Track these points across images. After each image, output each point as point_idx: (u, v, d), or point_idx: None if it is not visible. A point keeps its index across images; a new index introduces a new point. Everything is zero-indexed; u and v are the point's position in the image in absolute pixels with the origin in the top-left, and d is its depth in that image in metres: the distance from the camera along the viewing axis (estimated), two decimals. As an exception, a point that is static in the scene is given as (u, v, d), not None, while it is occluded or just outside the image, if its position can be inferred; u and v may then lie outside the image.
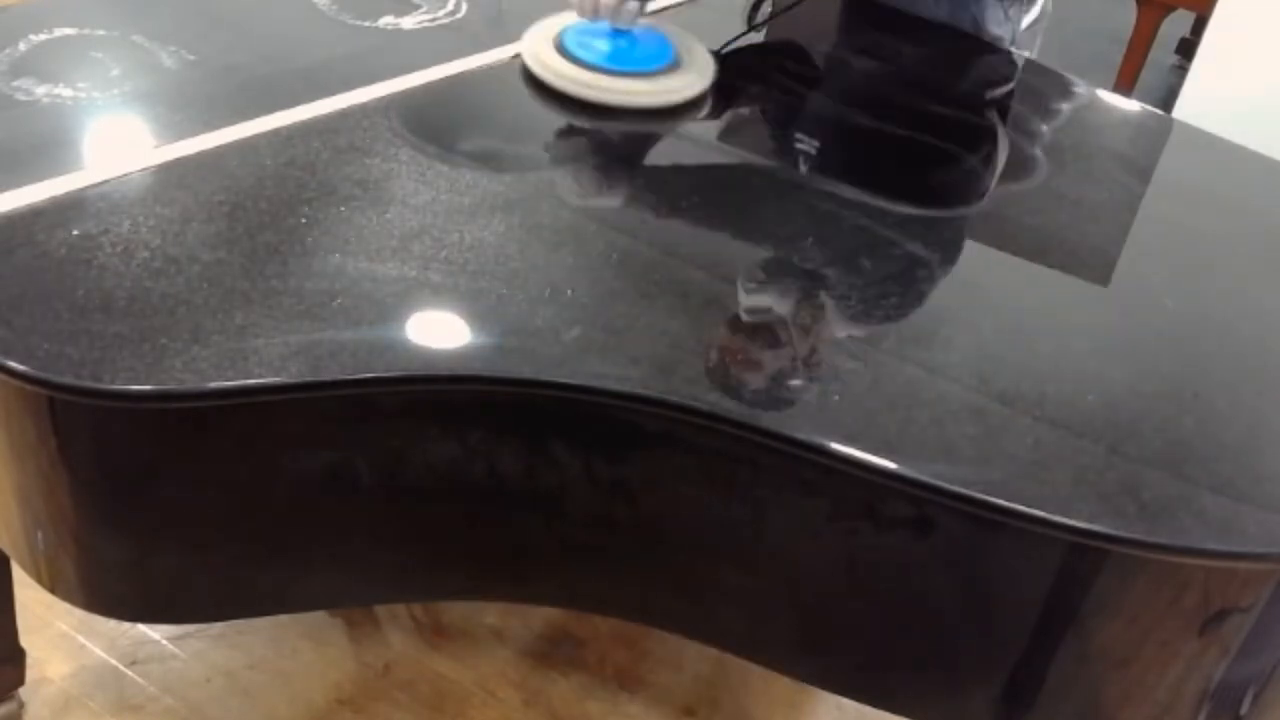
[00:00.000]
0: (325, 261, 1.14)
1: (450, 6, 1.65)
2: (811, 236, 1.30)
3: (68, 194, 1.16)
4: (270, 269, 1.12)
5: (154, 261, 1.11)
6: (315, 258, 1.15)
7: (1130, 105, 1.81)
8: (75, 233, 1.13)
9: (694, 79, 1.51)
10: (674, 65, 1.52)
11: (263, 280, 1.10)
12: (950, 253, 1.36)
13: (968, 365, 1.17)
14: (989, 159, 1.59)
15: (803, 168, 1.49)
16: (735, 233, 1.32)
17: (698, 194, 1.37)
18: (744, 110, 1.64)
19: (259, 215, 1.18)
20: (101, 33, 1.46)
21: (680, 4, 1.76)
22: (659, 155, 1.47)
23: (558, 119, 1.45)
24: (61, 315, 1.05)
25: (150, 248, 1.13)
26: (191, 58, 1.42)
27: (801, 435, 1.04)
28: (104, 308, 1.06)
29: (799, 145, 1.54)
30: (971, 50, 1.81)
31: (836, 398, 1.10)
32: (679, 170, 1.45)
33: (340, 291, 1.11)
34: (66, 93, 1.33)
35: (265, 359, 1.03)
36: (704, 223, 1.32)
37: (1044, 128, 1.69)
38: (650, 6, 1.52)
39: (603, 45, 1.48)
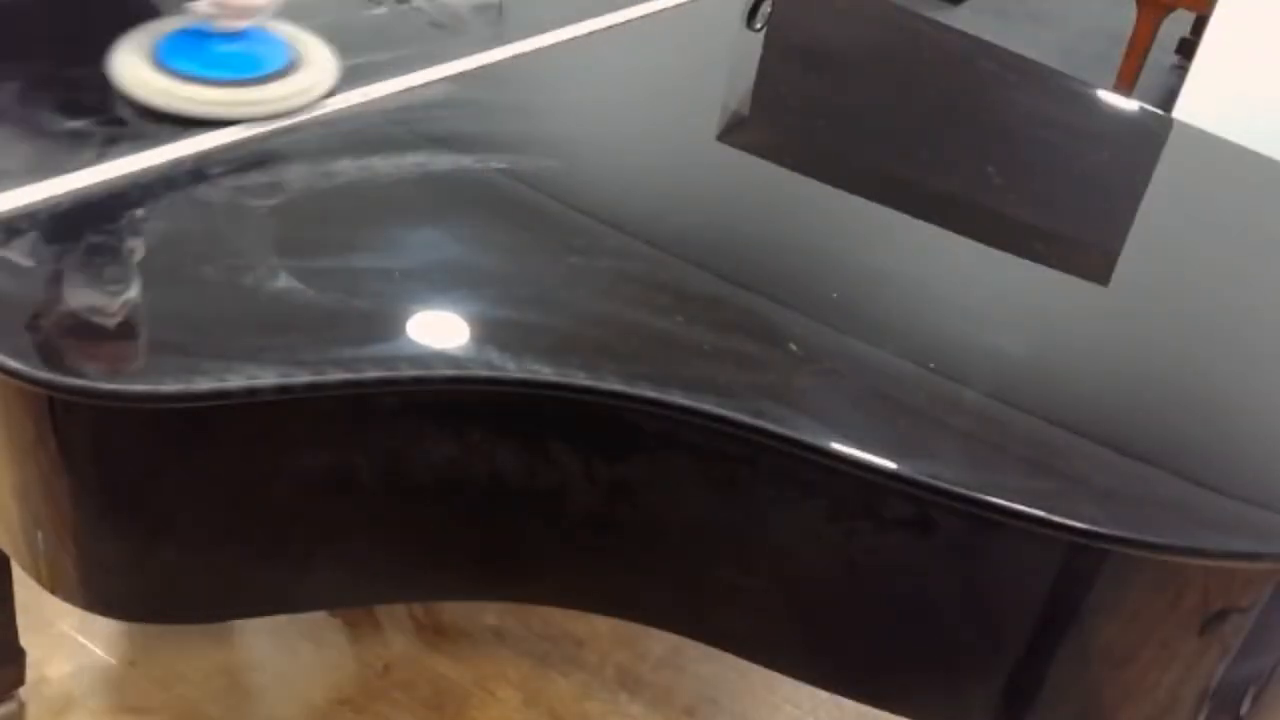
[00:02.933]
0: (323, 261, 1.14)
1: None
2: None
3: (67, 193, 1.16)
4: (269, 269, 1.12)
5: (154, 262, 1.12)
6: (313, 258, 1.15)
7: (1130, 105, 1.81)
8: (76, 233, 1.13)
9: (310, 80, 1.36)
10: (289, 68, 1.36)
11: (262, 280, 1.10)
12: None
13: (967, 364, 1.17)
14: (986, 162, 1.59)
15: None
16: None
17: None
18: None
19: (256, 215, 1.18)
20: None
21: (681, 4, 1.76)
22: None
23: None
24: (62, 315, 1.05)
25: (149, 248, 1.13)
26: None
27: (801, 435, 1.04)
28: (104, 308, 1.06)
29: None
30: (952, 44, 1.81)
31: (836, 397, 1.10)
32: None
33: (339, 290, 1.11)
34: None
35: (264, 359, 1.03)
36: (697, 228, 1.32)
37: (1043, 128, 1.69)
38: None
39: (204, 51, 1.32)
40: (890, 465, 1.03)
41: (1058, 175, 1.56)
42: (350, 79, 1.39)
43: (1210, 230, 1.49)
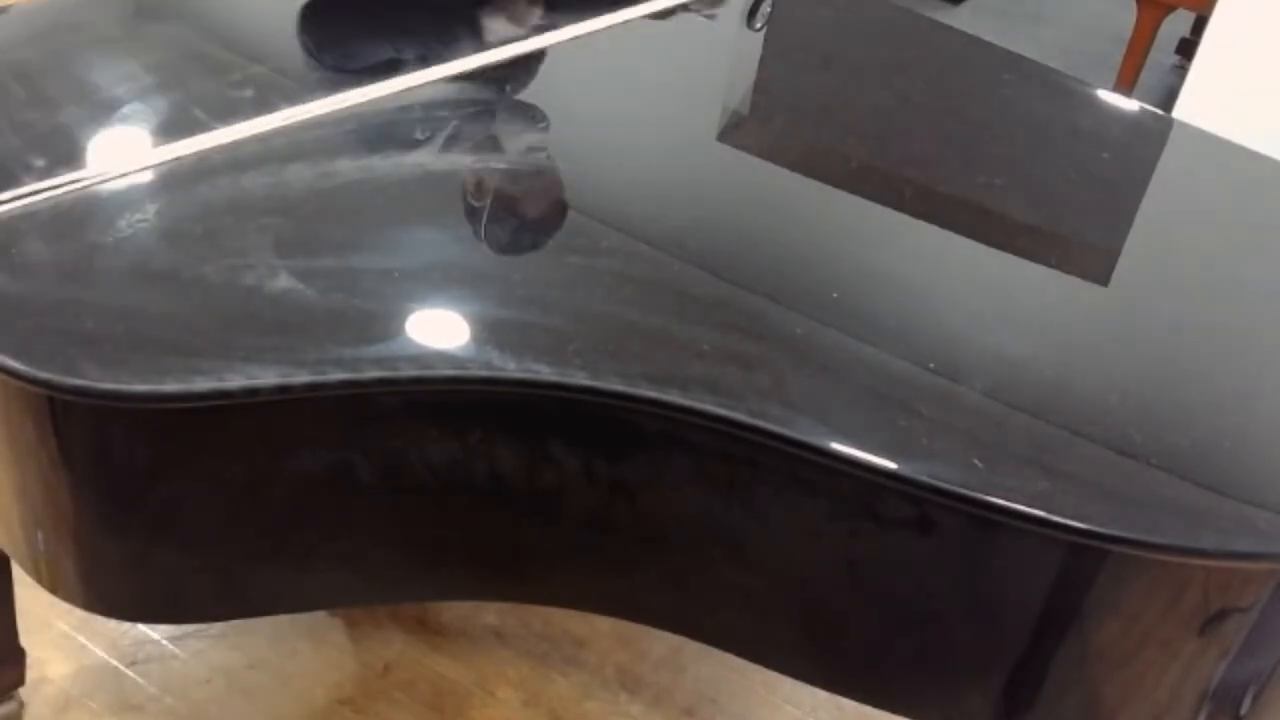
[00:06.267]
0: (323, 261, 1.15)
1: None
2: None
3: (68, 194, 1.16)
4: (269, 269, 1.12)
5: (154, 262, 1.12)
6: (313, 258, 1.15)
7: (1130, 105, 1.81)
8: (75, 233, 1.13)
9: None
10: None
11: (262, 280, 1.10)
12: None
13: (967, 364, 1.17)
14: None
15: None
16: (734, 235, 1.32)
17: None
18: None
19: (256, 216, 1.18)
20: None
21: (680, 4, 1.76)
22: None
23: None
24: (63, 315, 1.05)
25: (150, 248, 1.13)
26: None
27: (801, 435, 1.04)
28: (105, 308, 1.06)
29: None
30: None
31: (836, 397, 1.10)
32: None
33: (339, 290, 1.11)
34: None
35: (264, 359, 1.03)
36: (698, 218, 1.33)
37: (1044, 128, 1.69)
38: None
39: None
40: (890, 465, 1.03)
41: (1058, 175, 1.56)
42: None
43: (1210, 230, 1.49)
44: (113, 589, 1.16)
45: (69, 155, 1.23)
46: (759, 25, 1.79)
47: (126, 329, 1.06)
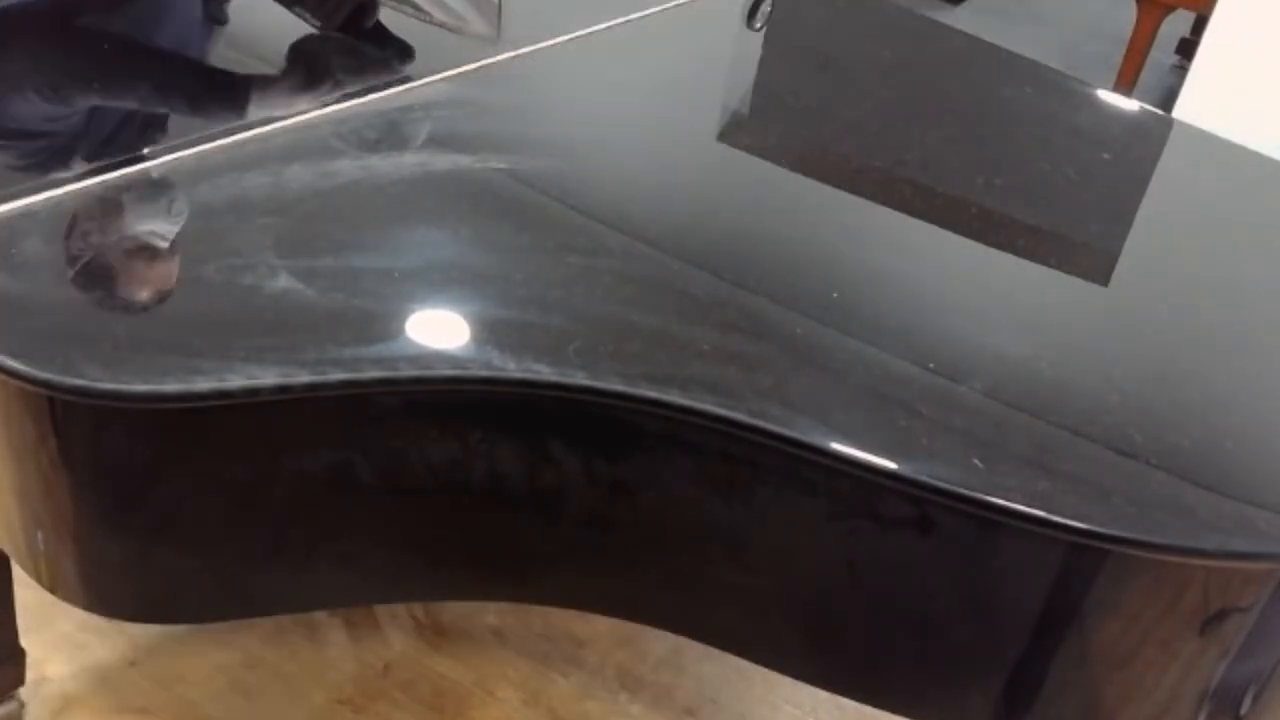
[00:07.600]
0: (323, 261, 1.15)
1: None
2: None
3: (67, 195, 1.16)
4: (269, 269, 1.12)
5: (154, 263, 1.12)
6: (313, 258, 1.15)
7: (1130, 105, 1.81)
8: (76, 234, 1.13)
9: None
10: None
11: (262, 280, 1.10)
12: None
13: (967, 364, 1.17)
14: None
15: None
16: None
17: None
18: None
19: (256, 216, 1.18)
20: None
21: (680, 4, 1.76)
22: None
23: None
24: (62, 316, 1.05)
25: (150, 249, 1.13)
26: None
27: (801, 435, 1.04)
28: (105, 308, 1.06)
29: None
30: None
31: (836, 397, 1.10)
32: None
33: (339, 290, 1.11)
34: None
35: (264, 359, 1.03)
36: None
37: (1043, 128, 1.69)
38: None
39: None
40: (890, 465, 1.03)
41: (1058, 175, 1.56)
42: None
43: (1210, 230, 1.49)
44: (113, 589, 1.15)
45: (68, 155, 1.23)
46: (759, 25, 1.79)
47: (126, 329, 1.06)
